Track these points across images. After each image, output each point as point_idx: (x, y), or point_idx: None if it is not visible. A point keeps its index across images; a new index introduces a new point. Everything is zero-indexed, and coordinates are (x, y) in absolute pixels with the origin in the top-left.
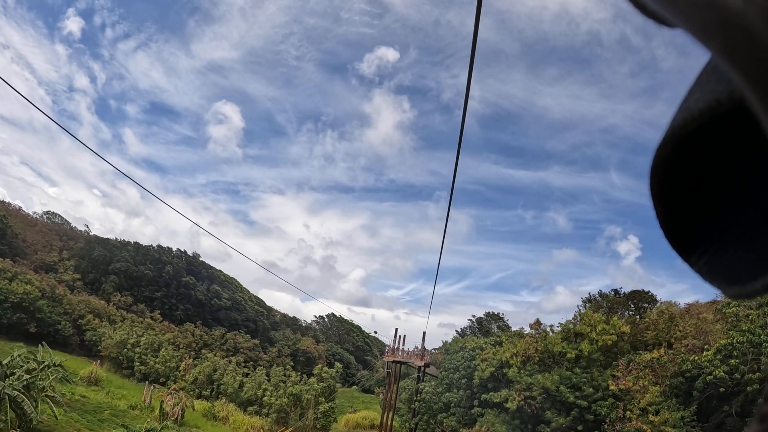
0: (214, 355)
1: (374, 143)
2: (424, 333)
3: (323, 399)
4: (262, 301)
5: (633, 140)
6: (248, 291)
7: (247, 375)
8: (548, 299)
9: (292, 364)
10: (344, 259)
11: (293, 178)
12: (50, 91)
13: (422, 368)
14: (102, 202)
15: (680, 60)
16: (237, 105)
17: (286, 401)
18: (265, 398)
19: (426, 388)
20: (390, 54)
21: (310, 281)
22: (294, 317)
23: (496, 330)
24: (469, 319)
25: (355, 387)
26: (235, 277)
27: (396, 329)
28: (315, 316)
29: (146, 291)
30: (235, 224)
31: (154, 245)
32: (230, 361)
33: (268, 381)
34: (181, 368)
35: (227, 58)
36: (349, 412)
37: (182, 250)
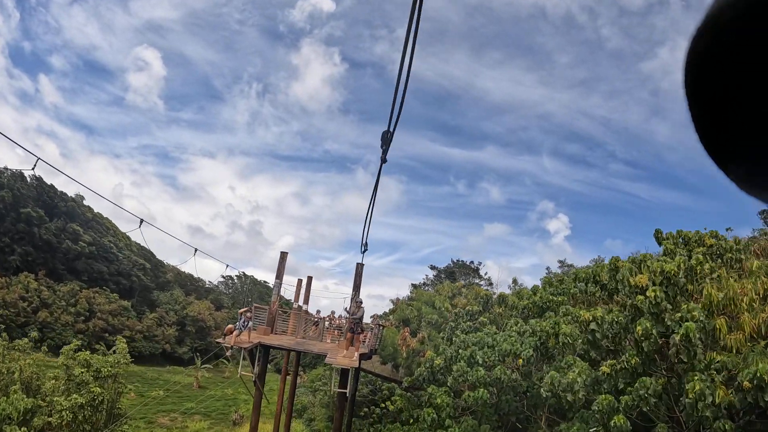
0: None
1: (302, 98)
2: (360, 267)
3: None
4: (148, 252)
5: (567, 128)
6: (128, 237)
7: None
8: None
9: (176, 335)
10: (273, 227)
11: (226, 143)
12: None
13: (354, 373)
14: (20, 160)
15: (624, 42)
16: (159, 51)
17: None
18: None
19: None
20: (325, 3)
21: (236, 248)
22: (191, 274)
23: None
24: (432, 267)
25: (269, 366)
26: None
27: (284, 254)
28: (222, 276)
29: None
30: (162, 187)
31: None
32: None
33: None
34: None
35: (166, 18)
36: None
37: (37, 176)
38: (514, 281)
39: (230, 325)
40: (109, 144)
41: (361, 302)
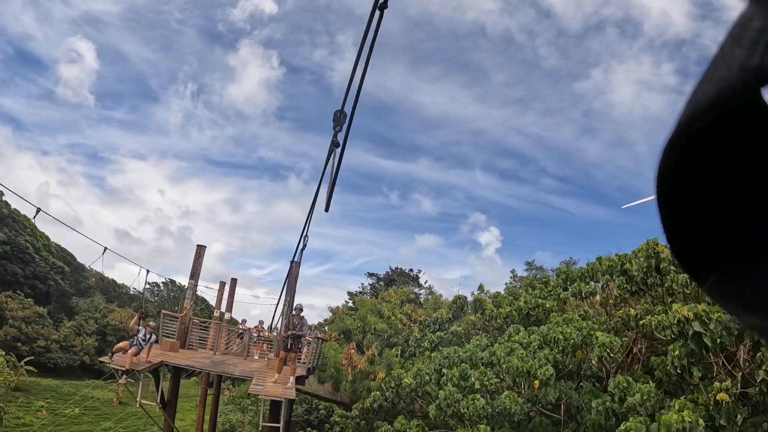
0: None
1: (237, 101)
2: (295, 268)
3: None
4: (69, 255)
5: (500, 144)
6: (46, 237)
7: None
8: None
9: (96, 345)
10: (203, 233)
11: (158, 146)
12: None
13: (288, 402)
14: None
15: (561, 61)
16: (93, 44)
17: None
18: None
19: None
20: (267, 5)
21: (165, 254)
22: (113, 280)
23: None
24: (370, 275)
25: (195, 378)
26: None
27: (200, 248)
28: (149, 284)
29: None
30: (89, 189)
31: None
32: None
33: None
34: None
35: (105, 11)
36: None
37: None
38: (480, 287)
39: (123, 342)
40: (36, 140)
41: (301, 308)
